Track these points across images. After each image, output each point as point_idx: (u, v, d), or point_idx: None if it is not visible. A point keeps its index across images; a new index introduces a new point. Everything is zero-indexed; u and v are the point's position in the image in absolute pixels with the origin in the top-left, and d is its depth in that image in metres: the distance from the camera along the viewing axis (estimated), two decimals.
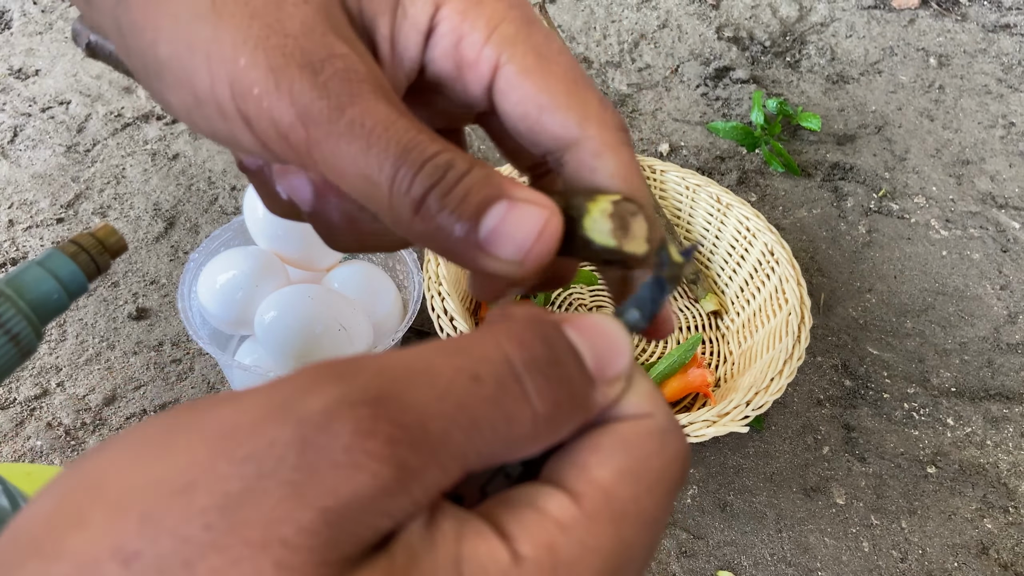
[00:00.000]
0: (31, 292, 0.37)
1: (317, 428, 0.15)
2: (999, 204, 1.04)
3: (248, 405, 0.15)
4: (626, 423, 0.19)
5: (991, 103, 1.18)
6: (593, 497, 0.17)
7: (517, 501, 0.18)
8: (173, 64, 0.21)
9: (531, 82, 0.23)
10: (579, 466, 0.18)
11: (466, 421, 0.16)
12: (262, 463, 0.14)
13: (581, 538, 0.17)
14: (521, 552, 0.16)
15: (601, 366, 0.19)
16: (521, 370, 0.17)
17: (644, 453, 0.18)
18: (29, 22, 1.17)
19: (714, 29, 1.26)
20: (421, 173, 0.20)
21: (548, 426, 0.17)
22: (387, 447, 0.15)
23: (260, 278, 0.73)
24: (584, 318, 0.20)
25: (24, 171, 0.97)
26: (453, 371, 0.16)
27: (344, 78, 0.21)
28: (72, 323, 0.82)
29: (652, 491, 0.18)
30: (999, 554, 0.73)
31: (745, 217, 0.85)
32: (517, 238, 0.21)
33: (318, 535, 0.14)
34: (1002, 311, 0.92)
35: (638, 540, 0.17)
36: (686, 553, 0.71)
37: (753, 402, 0.69)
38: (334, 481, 0.14)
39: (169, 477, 0.14)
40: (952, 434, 0.82)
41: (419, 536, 0.15)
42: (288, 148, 0.21)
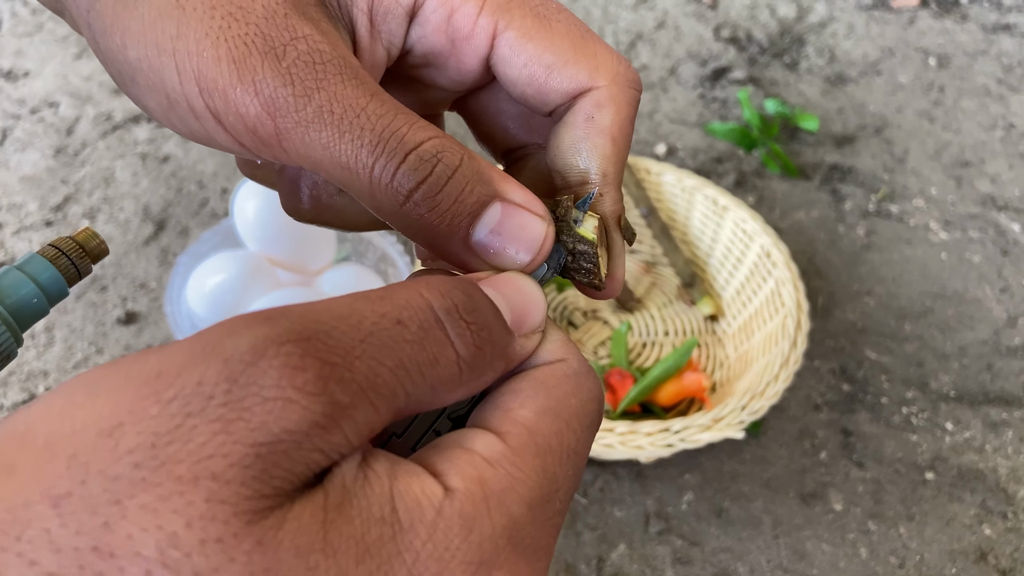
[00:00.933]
0: (9, 297, 0.37)
1: (245, 365, 0.14)
2: (999, 206, 1.03)
3: (173, 350, 0.15)
4: (543, 368, 0.20)
5: (991, 104, 1.17)
6: (518, 434, 0.18)
7: (445, 443, 0.18)
8: (143, 66, 0.21)
9: (534, 44, 0.22)
10: (502, 408, 0.19)
11: (392, 361, 0.16)
12: (190, 402, 0.14)
13: (508, 470, 0.17)
14: (452, 485, 0.16)
15: (519, 320, 0.20)
16: (443, 315, 0.17)
17: (561, 393, 0.19)
18: (19, 23, 1.16)
19: (712, 29, 1.25)
20: (404, 164, 0.20)
21: (471, 370, 0.18)
22: (316, 382, 0.15)
23: (250, 281, 0.72)
24: (497, 276, 0.20)
25: (13, 173, 0.96)
26: (377, 316, 0.17)
27: (308, 61, 0.20)
28: (60, 327, 0.81)
29: (571, 426, 0.19)
30: (998, 560, 0.72)
31: (742, 219, 0.84)
32: (513, 249, 0.21)
33: (250, 469, 0.14)
34: (1002, 314, 0.92)
35: (562, 471, 0.18)
36: (681, 560, 0.70)
37: (749, 407, 0.68)
38: (264, 416, 0.14)
39: (96, 420, 0.14)
40: (951, 439, 0.81)
41: (352, 474, 0.15)
42: (258, 142, 0.20)
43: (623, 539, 0.71)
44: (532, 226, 0.21)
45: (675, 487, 0.75)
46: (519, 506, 0.17)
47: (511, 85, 0.23)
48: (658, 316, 0.87)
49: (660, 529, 0.72)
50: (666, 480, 0.75)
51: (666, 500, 0.74)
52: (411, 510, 0.15)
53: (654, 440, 0.66)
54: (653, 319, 0.87)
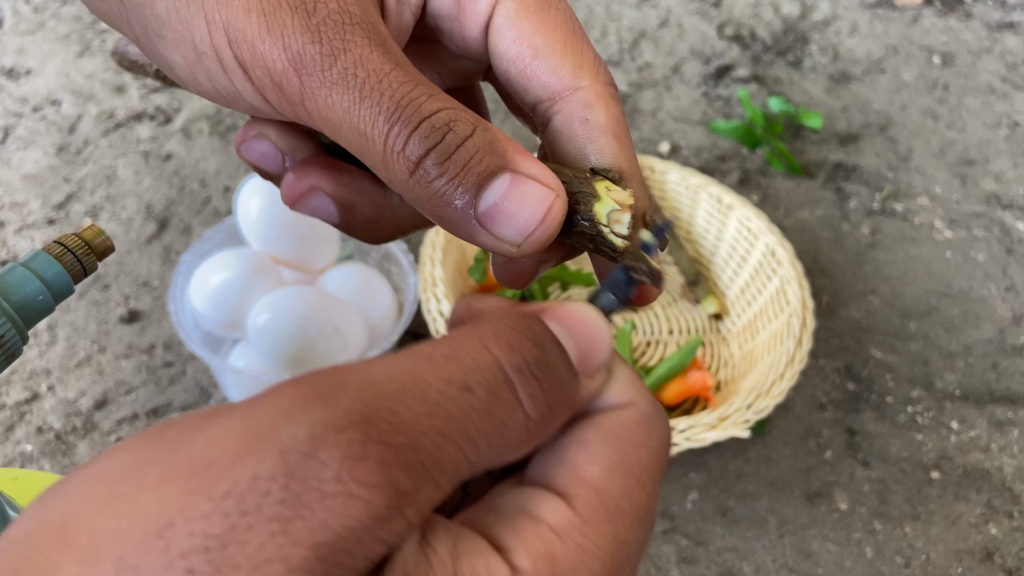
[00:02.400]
0: (15, 294, 0.37)
1: (302, 457, 0.13)
2: (1004, 204, 1.03)
3: (223, 434, 0.14)
4: (610, 414, 0.19)
5: (995, 102, 1.16)
6: (586, 498, 0.17)
7: (508, 509, 0.17)
8: (171, 18, 0.21)
9: (529, 22, 0.22)
10: (568, 465, 0.18)
11: (459, 434, 0.15)
12: (245, 499, 0.13)
13: (578, 542, 0.16)
14: (519, 565, 0.15)
15: (584, 359, 0.18)
16: (513, 376, 0.16)
17: (631, 444, 0.18)
18: (20, 21, 1.16)
19: (715, 27, 1.25)
20: (417, 132, 0.19)
21: (540, 428, 0.17)
22: (379, 472, 0.14)
23: (253, 280, 0.72)
24: (562, 308, 0.19)
25: (15, 172, 0.95)
26: (443, 383, 0.15)
27: (337, 21, 0.20)
28: (63, 326, 0.81)
29: (642, 483, 0.18)
30: (1004, 559, 0.72)
31: (747, 218, 0.84)
32: (519, 219, 0.20)
33: (311, 572, 0.13)
34: (1007, 313, 0.91)
35: (634, 536, 0.17)
36: (686, 559, 0.70)
37: (754, 406, 0.68)
38: (325, 514, 0.13)
39: (143, 518, 0.13)
40: (956, 438, 0.80)
41: (414, 560, 0.15)
42: (283, 99, 0.20)
43: None
44: (540, 196, 0.20)
45: (680, 486, 0.75)
46: None
47: (497, 58, 0.23)
48: (662, 315, 0.87)
49: (665, 528, 0.72)
50: (671, 479, 0.75)
51: (671, 499, 0.74)
52: None
53: None
54: (657, 318, 0.87)
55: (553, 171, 0.21)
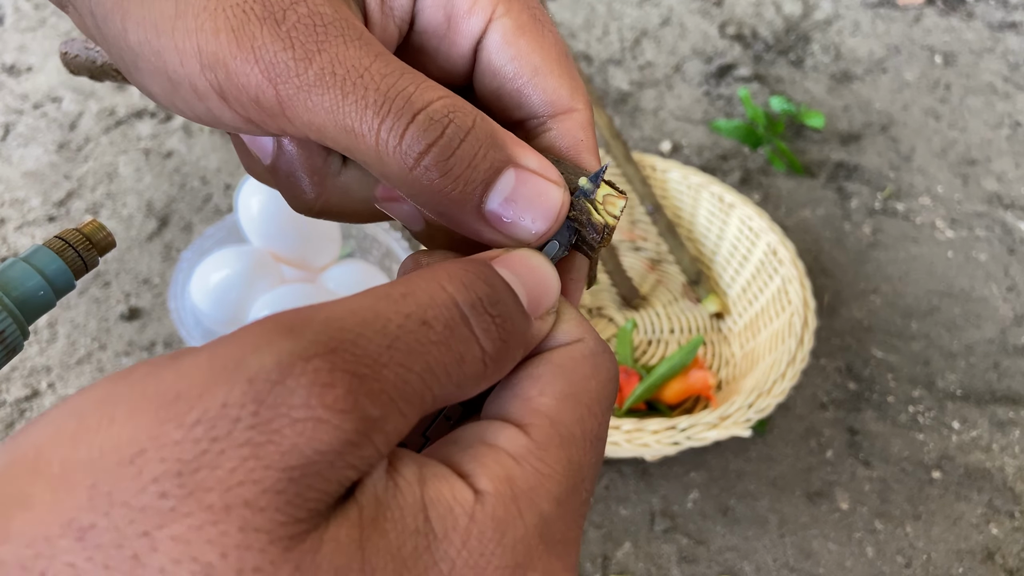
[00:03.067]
0: (16, 289, 0.37)
1: (271, 384, 0.14)
2: (1006, 204, 1.03)
3: (192, 368, 0.14)
4: (560, 351, 0.19)
5: (997, 102, 1.16)
6: (540, 425, 0.18)
7: (468, 440, 0.18)
8: (144, 50, 0.20)
9: (526, 41, 0.22)
10: (521, 398, 0.18)
11: (420, 366, 0.16)
12: (215, 425, 0.13)
13: (535, 466, 0.17)
14: (481, 488, 0.16)
15: (535, 301, 0.19)
16: (468, 311, 0.17)
17: (580, 376, 0.19)
18: (21, 18, 1.15)
19: (717, 26, 1.24)
20: (413, 125, 0.19)
21: (495, 364, 0.18)
22: (347, 398, 0.14)
23: (254, 277, 0.71)
24: (510, 255, 0.20)
25: (15, 169, 0.95)
26: (401, 317, 0.16)
27: (308, 24, 0.19)
28: (63, 323, 0.81)
29: (592, 410, 0.19)
30: (1005, 559, 0.72)
31: (748, 216, 0.84)
32: (527, 216, 0.20)
33: (283, 494, 0.13)
34: (1008, 313, 0.91)
35: (587, 459, 0.18)
36: (687, 559, 0.70)
37: (756, 405, 0.68)
38: (295, 438, 0.14)
39: (115, 447, 0.13)
40: (958, 438, 0.80)
41: (383, 484, 0.15)
42: (263, 114, 0.20)
43: (628, 537, 0.71)
44: (548, 193, 0.20)
45: (681, 485, 0.74)
46: (548, 502, 0.17)
47: (490, 75, 0.23)
48: (663, 314, 0.87)
49: (666, 527, 0.72)
50: (672, 478, 0.75)
51: (672, 498, 0.74)
52: (444, 518, 0.15)
53: (660, 438, 0.66)
54: (659, 317, 0.87)
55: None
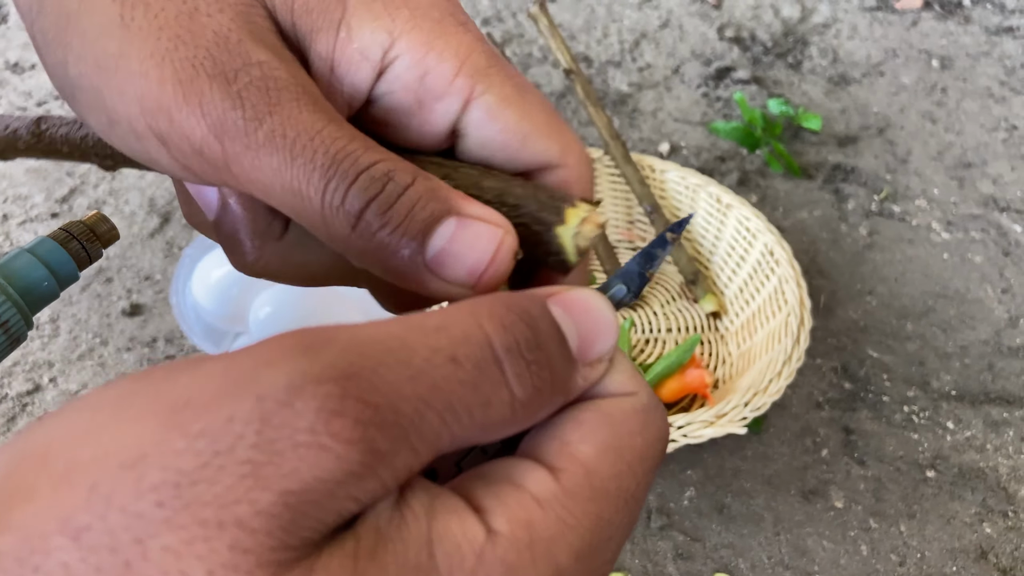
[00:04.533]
0: (20, 279, 0.37)
1: (279, 405, 0.14)
2: (1001, 207, 1.03)
3: (205, 377, 0.14)
4: (609, 400, 0.19)
5: (993, 106, 1.17)
6: (574, 473, 0.17)
7: (494, 476, 0.17)
8: (83, 83, 0.20)
9: (512, 111, 0.22)
10: (560, 441, 0.18)
11: (441, 404, 0.15)
12: (218, 440, 0.13)
13: (559, 514, 0.16)
14: (496, 527, 0.15)
15: (586, 347, 0.18)
16: (502, 354, 0.16)
17: (627, 430, 0.18)
18: None
19: (715, 29, 1.25)
20: (356, 185, 0.19)
21: (526, 410, 0.17)
22: (355, 428, 0.14)
23: None
24: (571, 293, 0.19)
25: (19, 165, 0.96)
26: (429, 351, 0.15)
27: (261, 86, 0.19)
28: (65, 319, 0.81)
29: (633, 469, 0.17)
30: (998, 559, 0.73)
31: (745, 217, 0.85)
32: (469, 260, 0.20)
33: (277, 518, 0.13)
34: (1003, 314, 0.92)
35: (618, 518, 0.17)
36: (683, 555, 0.71)
37: (752, 403, 0.68)
38: (296, 463, 0.13)
39: (119, 450, 0.13)
40: (952, 438, 0.81)
41: (387, 516, 0.15)
42: (206, 165, 0.19)
43: None
44: (486, 234, 0.20)
45: (677, 483, 0.75)
46: (567, 556, 0.16)
47: (479, 147, 0.23)
48: (661, 313, 0.88)
49: (661, 524, 0.72)
50: (668, 476, 0.75)
51: (668, 496, 0.74)
52: (450, 555, 0.15)
53: None
54: (656, 316, 0.87)
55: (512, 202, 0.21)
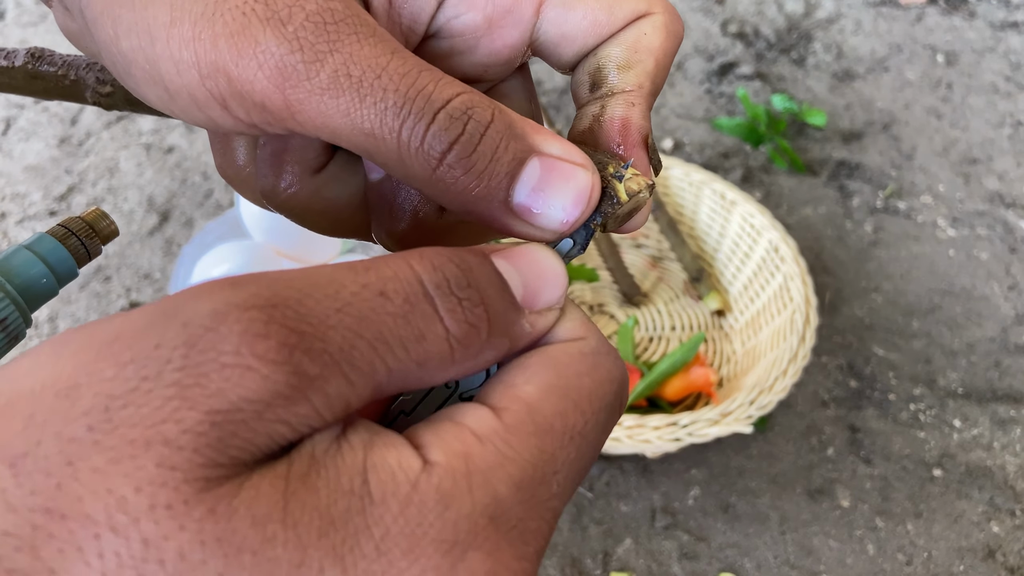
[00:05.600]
0: (19, 276, 0.36)
1: (204, 330, 0.14)
2: (1007, 203, 1.03)
3: (137, 314, 0.15)
4: (556, 345, 0.19)
5: (999, 101, 1.16)
6: (515, 411, 0.17)
7: (437, 417, 0.17)
8: (137, 57, 0.20)
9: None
10: (504, 383, 0.18)
11: (371, 334, 0.15)
12: (146, 364, 0.14)
13: (498, 447, 0.16)
14: (433, 459, 0.15)
15: (532, 295, 0.18)
16: (431, 289, 0.16)
17: (573, 371, 0.18)
18: (23, 13, 1.15)
19: (719, 24, 1.24)
20: (435, 124, 0.18)
21: (464, 348, 0.17)
22: (280, 350, 0.14)
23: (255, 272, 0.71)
24: (512, 248, 0.19)
25: (17, 163, 0.95)
26: (357, 286, 0.16)
27: (317, 22, 0.18)
28: (64, 317, 0.81)
29: (580, 407, 0.17)
30: (1006, 557, 0.72)
31: (750, 214, 0.84)
32: (558, 205, 0.20)
33: (204, 436, 0.13)
34: (1010, 312, 0.91)
35: (563, 453, 0.17)
36: (688, 555, 0.70)
37: (757, 402, 0.68)
38: (221, 383, 0.14)
39: (55, 381, 0.14)
40: (959, 436, 0.80)
41: (324, 446, 0.15)
42: (270, 118, 0.19)
43: (629, 534, 0.71)
44: (576, 178, 0.20)
45: (681, 482, 0.74)
46: (506, 485, 0.16)
47: (566, 44, 0.23)
48: (665, 311, 0.87)
49: (666, 524, 0.72)
50: (672, 475, 0.75)
51: (672, 495, 0.74)
52: (384, 483, 0.15)
53: (661, 434, 0.66)
54: (660, 314, 0.87)
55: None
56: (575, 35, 0.23)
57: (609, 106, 0.23)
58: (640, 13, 0.23)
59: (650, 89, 0.23)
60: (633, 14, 0.23)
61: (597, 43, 0.23)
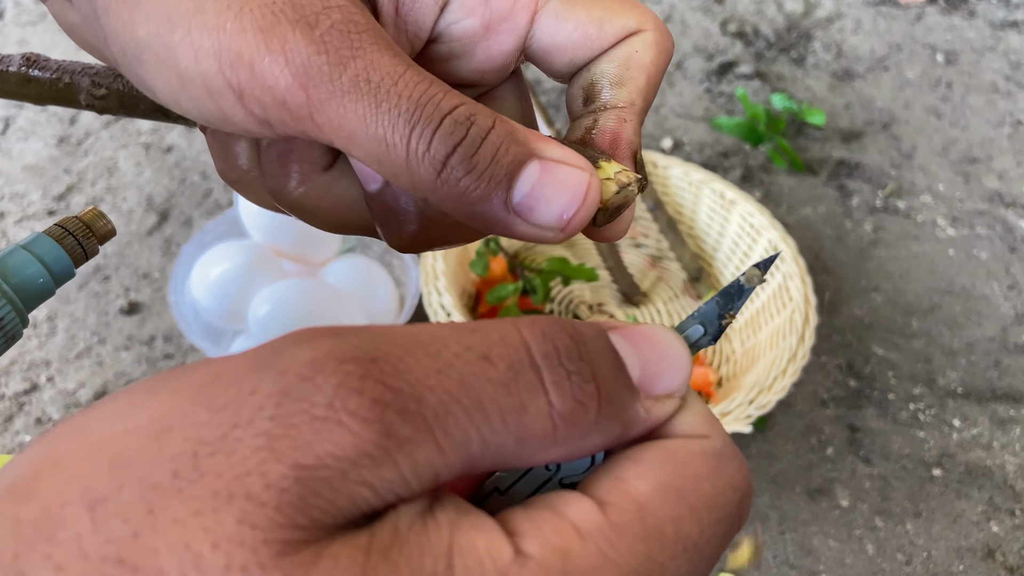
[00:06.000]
0: (15, 276, 0.36)
1: (300, 379, 0.14)
2: (1007, 203, 1.03)
3: (240, 356, 0.14)
4: (676, 440, 0.17)
5: (999, 101, 1.16)
6: (624, 508, 0.15)
7: (535, 503, 0.16)
8: (153, 43, 0.20)
9: (581, 5, 0.23)
10: (614, 476, 0.16)
11: (469, 400, 0.14)
12: (239, 412, 0.13)
13: (601, 547, 0.15)
14: (527, 550, 0.14)
15: (650, 378, 0.17)
16: (539, 359, 0.15)
17: (692, 472, 0.16)
18: (22, 12, 1.15)
19: (719, 24, 1.24)
20: (440, 129, 0.19)
21: (568, 427, 0.15)
22: (373, 408, 0.13)
23: (254, 272, 0.71)
24: (634, 327, 0.18)
25: (15, 163, 0.95)
26: (461, 347, 0.15)
27: (343, 30, 0.19)
28: (62, 317, 0.81)
29: (697, 515, 0.16)
30: (1005, 557, 0.72)
31: (749, 213, 0.84)
32: (558, 204, 0.20)
33: (287, 492, 0.13)
34: (1009, 311, 0.91)
35: (673, 565, 0.15)
36: None
37: (756, 401, 0.68)
38: (310, 435, 0.13)
39: (148, 423, 0.13)
40: (958, 435, 0.80)
41: (409, 519, 0.14)
42: (287, 115, 0.19)
43: None
44: (573, 178, 0.20)
45: None
46: None
47: (557, 53, 0.23)
48: (664, 310, 0.87)
49: None
50: None
51: None
52: (470, 569, 0.14)
53: None
54: (659, 313, 0.86)
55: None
56: (566, 46, 0.23)
57: (601, 120, 0.23)
58: (631, 30, 0.23)
59: (641, 106, 0.23)
60: (624, 30, 0.23)
61: (588, 56, 0.23)
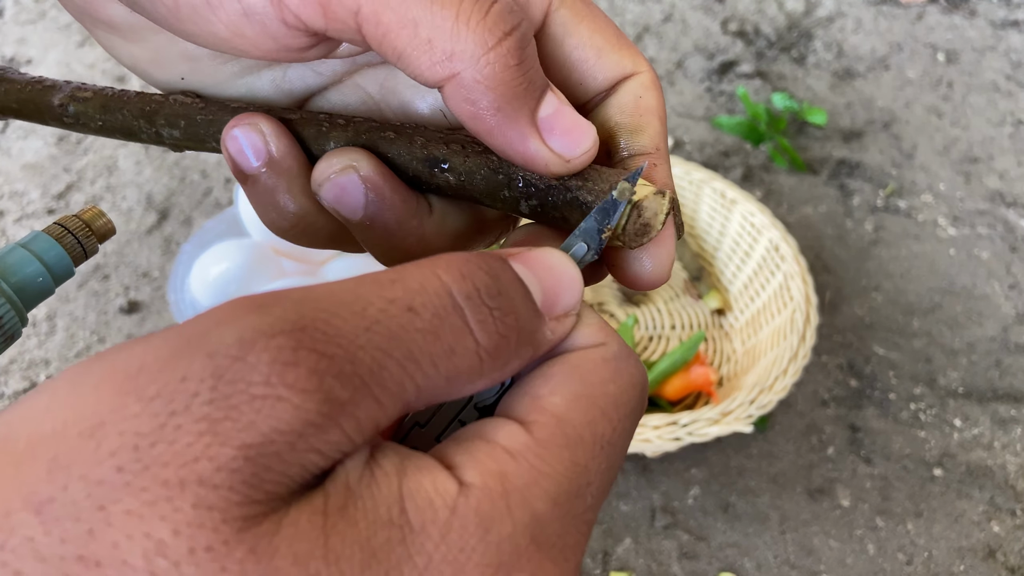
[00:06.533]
0: (14, 275, 0.36)
1: (231, 360, 0.14)
2: (1008, 202, 1.03)
3: (159, 342, 0.14)
4: (577, 352, 0.19)
5: (1000, 100, 1.16)
6: (545, 424, 0.17)
7: (465, 434, 0.17)
8: None
9: (586, 26, 0.23)
10: (530, 396, 0.17)
11: (401, 352, 0.15)
12: (173, 400, 0.13)
13: (533, 463, 0.16)
14: (468, 480, 0.15)
15: (551, 301, 0.18)
16: (461, 301, 0.16)
17: (597, 379, 0.18)
18: (21, 11, 1.15)
19: (719, 23, 1.24)
20: (496, 6, 0.20)
21: (493, 360, 0.17)
22: (310, 378, 0.14)
23: (254, 271, 0.71)
24: (529, 252, 0.19)
25: (15, 161, 0.95)
26: (384, 302, 0.15)
27: None
28: (62, 316, 0.81)
29: (608, 415, 0.17)
30: (1006, 557, 0.72)
31: (750, 212, 0.84)
32: (573, 136, 0.21)
33: (238, 472, 0.13)
34: (1011, 311, 0.91)
35: (595, 463, 0.17)
36: (688, 555, 0.70)
37: (757, 401, 0.68)
38: (253, 416, 0.13)
39: (77, 420, 0.13)
40: (959, 435, 0.80)
41: (357, 473, 0.14)
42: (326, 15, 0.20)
43: (629, 533, 0.71)
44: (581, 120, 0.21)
45: (681, 481, 0.74)
46: (543, 502, 0.16)
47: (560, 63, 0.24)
48: (665, 310, 0.87)
49: (666, 523, 0.71)
50: (672, 474, 0.74)
51: (672, 494, 0.73)
52: (422, 510, 0.14)
53: (661, 433, 0.65)
54: (660, 313, 0.86)
55: None
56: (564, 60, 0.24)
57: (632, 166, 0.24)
58: (627, 72, 0.24)
59: (664, 149, 0.24)
60: (620, 71, 0.24)
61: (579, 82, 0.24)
